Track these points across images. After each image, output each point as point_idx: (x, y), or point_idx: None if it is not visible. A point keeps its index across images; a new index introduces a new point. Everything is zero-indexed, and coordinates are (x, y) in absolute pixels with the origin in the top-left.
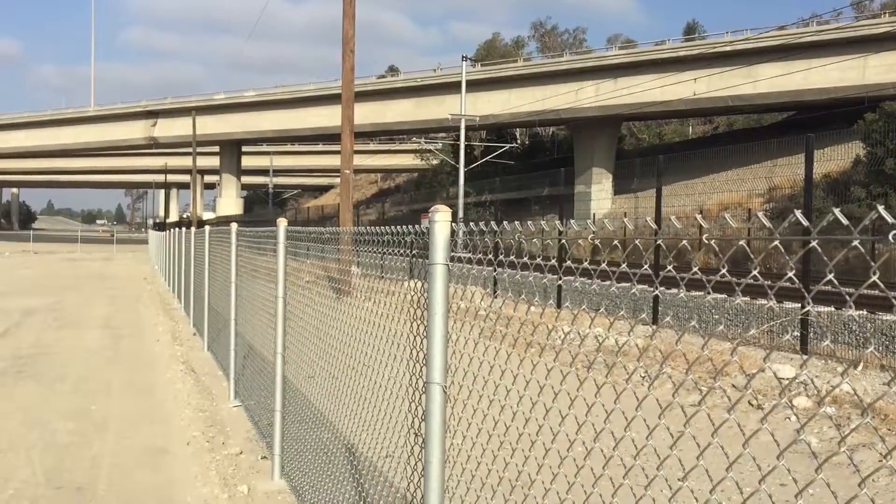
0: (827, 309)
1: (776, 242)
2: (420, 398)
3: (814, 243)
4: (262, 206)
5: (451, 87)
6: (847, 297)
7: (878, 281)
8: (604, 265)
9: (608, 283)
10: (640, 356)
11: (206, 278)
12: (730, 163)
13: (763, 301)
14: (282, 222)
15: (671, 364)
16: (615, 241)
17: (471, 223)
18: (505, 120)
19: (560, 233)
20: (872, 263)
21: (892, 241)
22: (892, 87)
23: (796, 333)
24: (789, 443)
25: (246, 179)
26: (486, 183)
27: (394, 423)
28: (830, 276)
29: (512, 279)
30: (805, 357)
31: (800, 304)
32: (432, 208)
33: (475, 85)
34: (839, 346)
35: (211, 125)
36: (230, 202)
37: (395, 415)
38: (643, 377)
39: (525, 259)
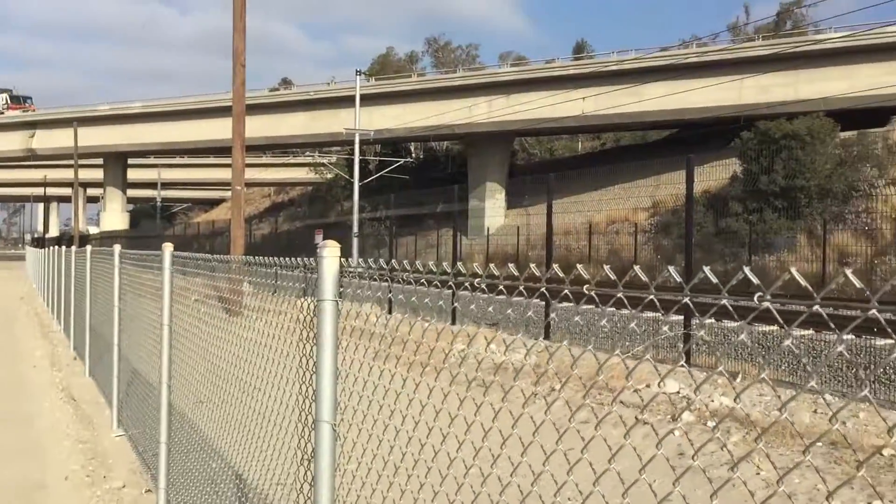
0: (709, 321)
1: (651, 297)
2: (309, 435)
3: (685, 300)
4: (149, 219)
5: (346, 101)
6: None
7: (745, 339)
8: (500, 287)
9: (502, 297)
10: (537, 381)
11: (87, 299)
12: (617, 179)
13: (650, 314)
14: (167, 247)
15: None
16: (509, 265)
17: (359, 260)
18: (400, 134)
19: (450, 272)
20: (742, 323)
21: (757, 302)
22: (766, 107)
23: (681, 345)
24: (680, 474)
25: (132, 193)
26: (381, 198)
27: (285, 450)
28: (702, 334)
29: (408, 299)
30: (696, 371)
31: (683, 316)
32: (321, 244)
33: (370, 99)
34: (723, 357)
35: (94, 136)
36: (115, 216)
37: (285, 442)
38: (535, 396)
39: (417, 286)
